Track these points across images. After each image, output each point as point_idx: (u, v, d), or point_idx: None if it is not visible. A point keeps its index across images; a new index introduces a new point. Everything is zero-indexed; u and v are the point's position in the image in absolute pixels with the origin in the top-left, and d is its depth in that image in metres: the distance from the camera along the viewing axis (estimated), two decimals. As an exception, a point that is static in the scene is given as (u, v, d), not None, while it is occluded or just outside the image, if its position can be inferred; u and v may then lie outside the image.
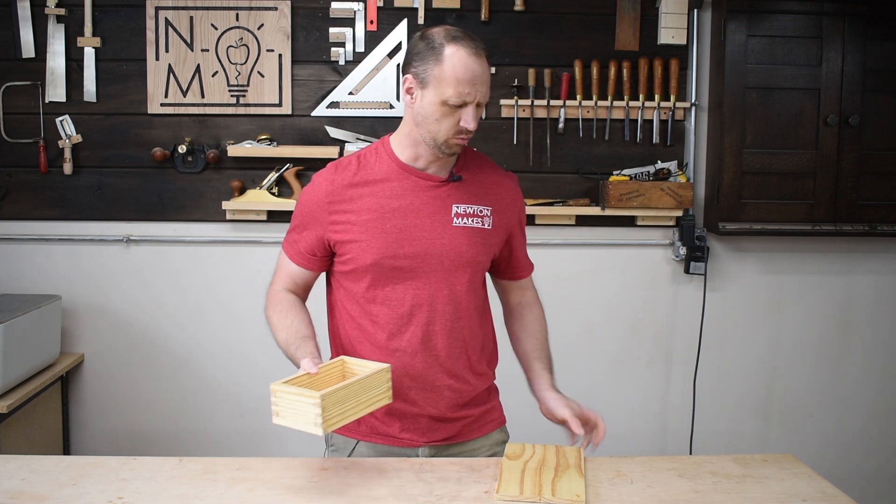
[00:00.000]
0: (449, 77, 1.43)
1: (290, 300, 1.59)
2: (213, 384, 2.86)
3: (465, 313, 1.57)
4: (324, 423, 1.28)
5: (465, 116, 1.45)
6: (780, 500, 1.37)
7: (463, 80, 1.43)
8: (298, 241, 1.59)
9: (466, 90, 1.43)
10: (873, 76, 2.69)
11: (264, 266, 2.79)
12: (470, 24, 2.73)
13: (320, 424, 1.28)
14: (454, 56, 1.43)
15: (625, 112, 2.78)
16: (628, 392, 2.93)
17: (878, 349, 2.97)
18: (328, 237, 1.55)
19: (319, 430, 1.29)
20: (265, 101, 2.75)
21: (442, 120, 1.46)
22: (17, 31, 2.69)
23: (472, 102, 1.45)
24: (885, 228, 2.73)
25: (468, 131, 1.47)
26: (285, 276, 1.63)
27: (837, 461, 2.97)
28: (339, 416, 1.33)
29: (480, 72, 1.45)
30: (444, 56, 1.43)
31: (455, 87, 1.43)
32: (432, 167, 1.56)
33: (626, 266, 2.88)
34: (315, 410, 1.28)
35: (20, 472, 1.42)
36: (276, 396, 1.34)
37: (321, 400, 1.27)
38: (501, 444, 1.69)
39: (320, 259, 1.59)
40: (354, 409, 1.36)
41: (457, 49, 1.44)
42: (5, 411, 2.30)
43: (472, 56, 1.44)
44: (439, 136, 1.47)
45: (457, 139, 1.48)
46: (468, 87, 1.43)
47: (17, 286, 2.78)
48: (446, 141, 1.48)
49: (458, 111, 1.45)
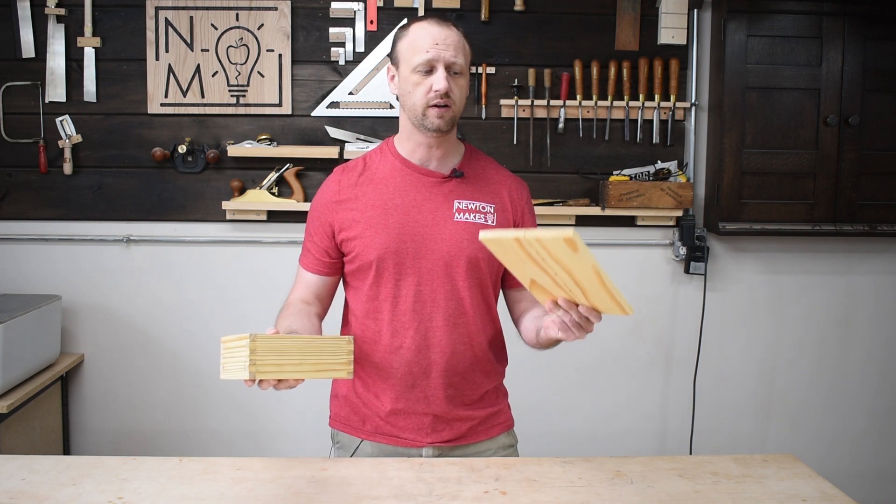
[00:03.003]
0: (414, 45, 1.49)
1: (301, 308, 1.58)
2: (214, 384, 2.85)
3: (469, 309, 1.56)
4: (251, 365, 1.23)
5: (435, 78, 1.47)
6: (780, 500, 1.37)
7: (426, 44, 1.47)
8: (311, 249, 1.61)
9: (430, 52, 1.47)
10: (873, 76, 2.69)
11: (264, 266, 2.80)
12: (470, 24, 2.73)
13: (246, 367, 1.24)
14: (417, 27, 1.51)
15: (625, 112, 2.78)
16: (628, 392, 2.93)
17: (878, 349, 2.97)
18: (337, 236, 1.57)
19: (246, 373, 1.24)
20: (265, 101, 2.75)
21: (415, 90, 1.49)
22: (17, 31, 2.69)
23: (439, 63, 1.47)
24: (885, 228, 2.73)
25: (441, 95, 1.47)
26: (301, 285, 1.63)
27: (837, 461, 2.98)
28: (274, 366, 1.27)
29: (444, 35, 1.48)
30: (409, 31, 1.51)
31: (420, 52, 1.48)
32: (433, 162, 1.57)
33: (626, 266, 2.88)
34: (245, 352, 1.24)
35: (20, 472, 1.42)
36: (223, 345, 1.31)
37: (251, 341, 1.24)
38: (508, 448, 1.68)
39: (333, 263, 1.60)
40: (297, 367, 1.31)
41: (420, 22, 1.51)
42: (5, 411, 2.30)
43: (434, 24, 1.49)
44: (417, 108, 1.50)
45: (434, 110, 1.48)
46: (432, 48, 1.47)
47: (17, 286, 2.78)
48: (424, 112, 1.49)
49: (429, 77, 1.48)
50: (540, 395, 2.89)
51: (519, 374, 1.78)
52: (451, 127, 1.52)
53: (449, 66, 1.48)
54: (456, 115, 1.52)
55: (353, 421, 1.64)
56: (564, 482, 1.43)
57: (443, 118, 1.49)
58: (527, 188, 1.67)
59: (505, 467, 1.49)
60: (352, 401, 1.64)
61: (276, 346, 1.28)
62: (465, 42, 1.52)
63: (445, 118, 1.49)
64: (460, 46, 1.50)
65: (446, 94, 1.47)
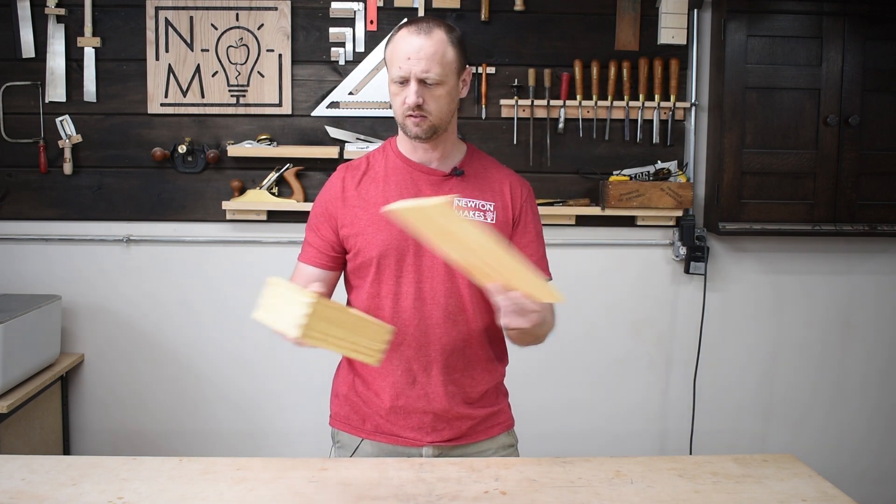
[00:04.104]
0: (392, 56, 1.50)
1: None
2: (214, 384, 2.86)
3: (469, 306, 1.57)
4: (304, 326, 1.22)
5: (407, 93, 1.48)
6: (780, 500, 1.37)
7: (400, 56, 1.48)
8: (313, 243, 1.62)
9: (402, 65, 1.48)
10: (873, 76, 2.69)
11: (264, 266, 2.80)
12: (470, 24, 2.73)
13: (300, 326, 1.22)
14: (398, 36, 1.51)
15: (625, 112, 2.78)
16: (628, 392, 2.93)
17: (878, 349, 2.97)
18: (340, 231, 1.58)
19: (297, 331, 1.22)
20: (265, 101, 2.75)
21: (394, 99, 1.52)
22: (17, 31, 2.69)
23: (411, 77, 1.47)
24: (885, 228, 2.73)
25: (412, 108, 1.48)
26: (300, 278, 1.63)
27: (838, 461, 2.98)
28: (321, 333, 1.27)
29: (418, 47, 1.47)
30: (393, 39, 1.52)
31: (395, 63, 1.49)
32: (434, 162, 1.59)
33: (626, 266, 2.88)
34: (302, 311, 1.22)
35: (20, 472, 1.42)
36: (270, 288, 1.29)
37: (313, 301, 1.23)
38: (508, 448, 1.68)
39: (336, 257, 1.61)
40: (338, 341, 1.31)
41: (402, 31, 1.51)
42: (5, 411, 2.30)
43: (412, 34, 1.49)
44: (398, 116, 1.53)
45: (410, 119, 1.50)
46: (403, 61, 1.48)
47: (17, 286, 2.78)
48: (403, 122, 1.52)
49: (405, 89, 1.49)
50: (540, 395, 2.89)
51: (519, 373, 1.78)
52: (430, 135, 1.53)
53: (421, 79, 1.47)
54: (435, 124, 1.51)
55: (353, 420, 1.64)
56: (564, 482, 1.43)
57: (419, 127, 1.51)
58: (528, 186, 1.67)
59: (505, 467, 1.49)
60: (352, 400, 1.64)
61: (329, 314, 1.28)
62: (446, 48, 1.49)
63: (422, 127, 1.51)
64: (436, 57, 1.47)
65: (418, 106, 1.48)
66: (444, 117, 1.52)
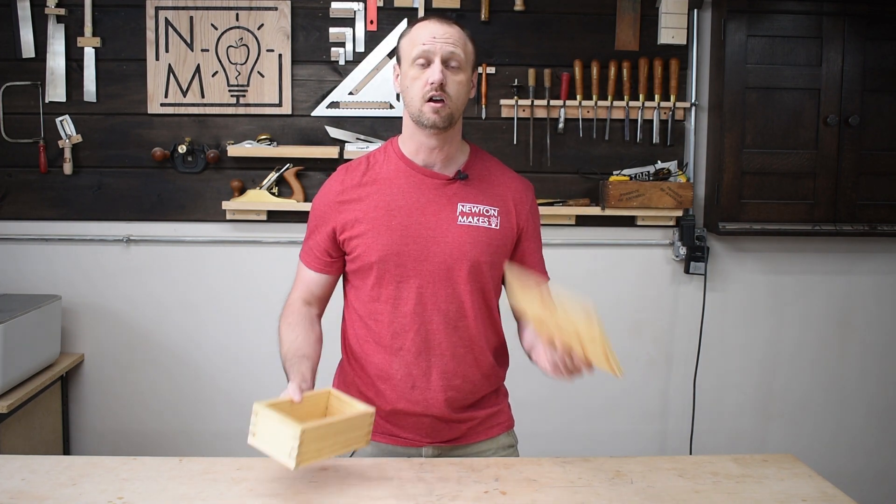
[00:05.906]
0: (413, 40, 1.51)
1: (303, 314, 1.59)
2: (214, 384, 2.86)
3: (470, 312, 1.56)
4: (298, 456, 1.26)
5: (431, 71, 1.48)
6: (780, 500, 1.37)
7: (425, 37, 1.49)
8: (314, 247, 1.61)
9: (427, 43, 1.48)
10: (873, 76, 2.69)
11: (264, 266, 2.80)
12: (470, 24, 2.73)
13: (294, 458, 1.25)
14: (419, 24, 1.53)
15: (625, 112, 2.78)
16: (628, 392, 2.93)
17: (878, 349, 2.97)
18: (339, 235, 1.57)
19: (292, 462, 1.26)
20: (265, 101, 2.75)
21: (413, 85, 1.50)
22: (17, 31, 2.69)
23: (436, 55, 1.47)
24: (885, 228, 2.73)
25: (435, 88, 1.47)
26: (302, 284, 1.63)
27: (837, 461, 2.98)
28: (314, 452, 1.30)
29: (443, 31, 1.49)
30: (412, 29, 1.53)
31: (417, 44, 1.49)
32: (437, 164, 1.56)
33: (626, 266, 2.88)
34: (292, 443, 1.25)
35: (20, 472, 1.42)
36: (258, 417, 1.32)
37: (302, 433, 1.25)
38: (508, 448, 1.68)
39: (335, 261, 1.60)
40: (330, 448, 1.34)
41: (421, 21, 1.53)
42: (5, 411, 2.31)
43: (434, 21, 1.51)
44: (415, 103, 1.50)
45: (429, 105, 1.48)
46: (429, 40, 1.48)
47: (17, 286, 2.78)
48: (421, 108, 1.49)
49: (426, 71, 1.48)
50: (540, 395, 2.89)
51: (519, 374, 1.78)
52: (448, 124, 1.50)
53: (446, 59, 1.47)
54: (453, 112, 1.50)
55: (353, 420, 1.64)
56: (564, 482, 1.43)
57: (438, 114, 1.48)
58: (531, 190, 1.66)
59: (505, 467, 1.49)
60: (352, 400, 1.64)
61: (318, 433, 1.30)
62: (467, 40, 1.52)
63: (441, 114, 1.48)
64: (461, 42, 1.50)
65: (441, 87, 1.46)
66: (459, 107, 1.52)
